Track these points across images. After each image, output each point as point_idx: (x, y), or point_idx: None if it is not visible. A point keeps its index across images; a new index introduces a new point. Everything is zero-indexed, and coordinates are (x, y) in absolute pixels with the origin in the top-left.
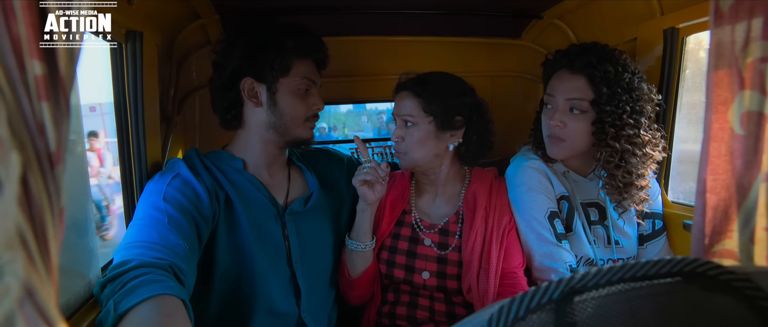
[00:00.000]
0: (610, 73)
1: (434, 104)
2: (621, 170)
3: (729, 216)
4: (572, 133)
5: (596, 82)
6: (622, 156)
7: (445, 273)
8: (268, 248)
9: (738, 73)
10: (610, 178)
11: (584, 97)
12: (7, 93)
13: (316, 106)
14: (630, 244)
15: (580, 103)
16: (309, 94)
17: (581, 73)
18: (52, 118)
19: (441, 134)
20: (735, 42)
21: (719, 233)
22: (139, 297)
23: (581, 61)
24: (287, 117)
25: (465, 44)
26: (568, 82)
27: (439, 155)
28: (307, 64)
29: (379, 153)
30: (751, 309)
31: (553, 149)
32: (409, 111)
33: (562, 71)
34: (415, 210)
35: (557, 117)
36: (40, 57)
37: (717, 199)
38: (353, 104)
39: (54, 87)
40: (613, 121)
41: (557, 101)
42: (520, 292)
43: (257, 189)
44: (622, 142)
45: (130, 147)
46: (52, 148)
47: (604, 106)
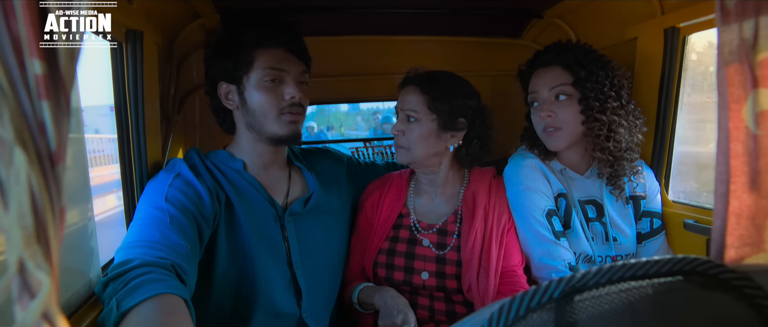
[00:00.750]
0: (579, 55)
1: (439, 103)
2: (611, 141)
3: (758, 225)
4: (564, 120)
5: (571, 66)
6: (609, 127)
7: (443, 273)
8: (268, 249)
9: (750, 70)
10: (601, 151)
11: (565, 81)
12: (8, 92)
13: (290, 95)
14: (628, 241)
15: (563, 88)
16: (280, 84)
17: (554, 64)
18: (53, 117)
19: (442, 134)
20: (744, 38)
21: (749, 245)
22: (141, 296)
23: (549, 55)
24: (258, 113)
25: (465, 44)
26: (545, 75)
27: (439, 154)
28: (272, 53)
29: (379, 152)
30: (751, 308)
31: (551, 141)
32: (414, 106)
33: (538, 70)
34: (413, 212)
35: (546, 108)
36: (41, 56)
37: (740, 205)
38: (353, 104)
39: (55, 86)
40: (596, 95)
41: (542, 95)
42: (521, 291)
43: (256, 190)
44: (608, 114)
45: (131, 146)
46: (53, 147)
47: (585, 83)
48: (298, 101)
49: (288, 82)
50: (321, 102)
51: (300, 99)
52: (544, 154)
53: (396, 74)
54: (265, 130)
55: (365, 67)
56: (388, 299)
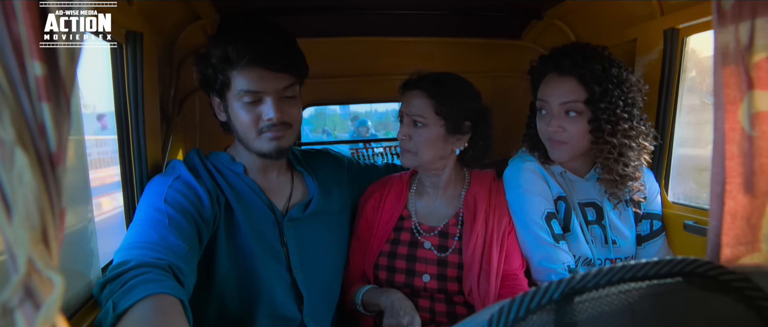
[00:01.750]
0: (598, 70)
1: (447, 107)
2: (619, 164)
3: (752, 224)
4: (572, 135)
5: (587, 81)
6: (620, 150)
7: (445, 275)
8: (267, 254)
9: (745, 72)
10: (608, 171)
11: (578, 98)
12: (8, 93)
13: (267, 116)
14: (627, 243)
15: (575, 105)
16: (258, 104)
17: (570, 75)
18: (53, 118)
19: (449, 137)
20: (740, 40)
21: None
22: (136, 296)
23: (567, 62)
24: (240, 131)
25: (465, 44)
26: (558, 86)
27: (445, 157)
28: (248, 74)
29: (380, 153)
30: (750, 309)
31: (556, 152)
32: (421, 111)
33: (551, 75)
34: (414, 215)
35: (555, 123)
36: (41, 57)
37: (735, 205)
38: (352, 104)
39: (55, 88)
40: (608, 118)
41: (551, 106)
42: (521, 293)
43: (256, 194)
44: (618, 137)
45: (131, 147)
46: (53, 148)
47: (598, 103)
48: (277, 121)
49: (266, 102)
50: (321, 103)
51: (279, 118)
52: (545, 157)
53: (396, 75)
54: (250, 146)
55: (365, 68)
56: (396, 301)
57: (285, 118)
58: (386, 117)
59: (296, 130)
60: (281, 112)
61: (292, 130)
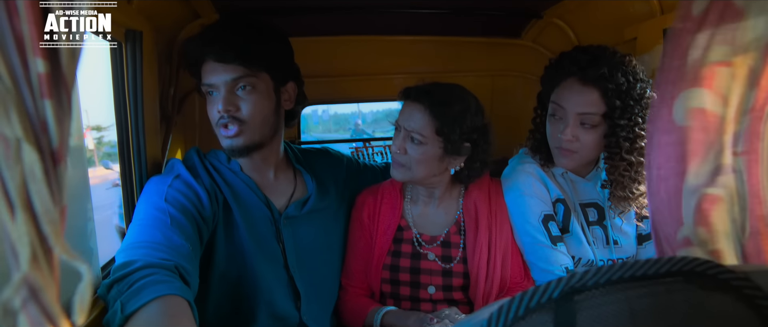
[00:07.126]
0: (623, 85)
1: (448, 128)
2: (635, 183)
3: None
4: (583, 146)
5: (609, 96)
6: (637, 169)
7: (451, 285)
8: (264, 252)
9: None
10: (621, 188)
11: (596, 111)
12: (12, 90)
13: (216, 109)
14: (628, 242)
15: (591, 118)
16: (213, 98)
17: (594, 86)
18: (55, 115)
19: (446, 157)
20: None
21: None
22: (145, 298)
23: (594, 71)
24: (213, 127)
25: (465, 44)
26: (579, 95)
27: (438, 175)
28: (205, 67)
29: (379, 152)
30: (750, 308)
31: (563, 160)
32: (420, 129)
33: (572, 81)
34: (413, 225)
35: (569, 132)
36: (43, 55)
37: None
38: (352, 104)
39: (57, 85)
40: (627, 135)
41: (567, 114)
42: (520, 292)
43: (252, 191)
44: (636, 155)
45: (130, 146)
46: (55, 145)
47: (618, 119)
48: (226, 115)
49: (215, 96)
50: (321, 102)
51: (228, 112)
52: (547, 160)
53: (396, 75)
54: (220, 143)
55: (364, 68)
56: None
57: (235, 112)
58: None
59: (256, 127)
60: (231, 106)
61: (247, 126)
